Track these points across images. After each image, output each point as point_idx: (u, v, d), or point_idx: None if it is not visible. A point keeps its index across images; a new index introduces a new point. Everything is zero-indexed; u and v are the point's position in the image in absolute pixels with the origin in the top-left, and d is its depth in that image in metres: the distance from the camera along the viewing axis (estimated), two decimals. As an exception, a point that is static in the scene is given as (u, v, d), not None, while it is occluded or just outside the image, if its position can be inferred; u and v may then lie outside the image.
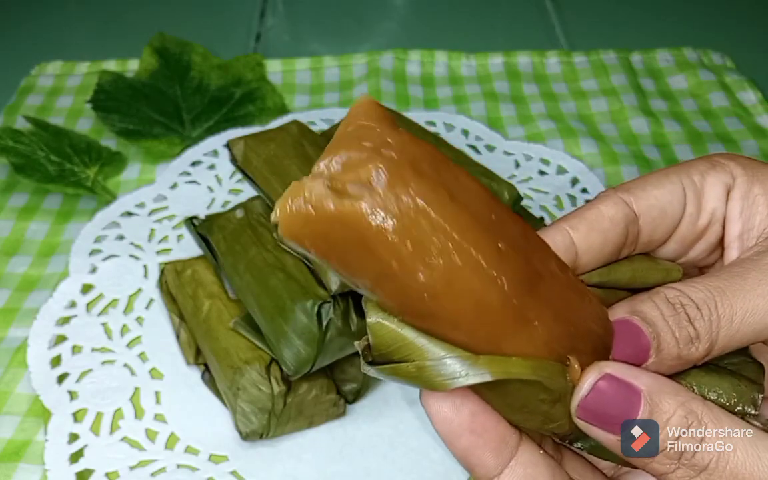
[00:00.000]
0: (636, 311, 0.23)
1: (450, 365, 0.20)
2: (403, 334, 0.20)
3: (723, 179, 0.25)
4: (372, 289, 0.19)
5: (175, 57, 0.63)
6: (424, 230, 0.18)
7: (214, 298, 0.40)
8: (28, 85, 0.63)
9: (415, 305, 0.19)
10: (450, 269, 0.18)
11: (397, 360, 0.20)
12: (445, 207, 0.18)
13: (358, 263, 0.19)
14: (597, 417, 0.21)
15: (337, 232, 0.18)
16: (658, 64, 0.65)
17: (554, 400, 0.21)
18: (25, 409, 0.39)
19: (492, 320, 0.19)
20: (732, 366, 0.24)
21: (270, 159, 0.40)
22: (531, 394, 0.21)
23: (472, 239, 0.19)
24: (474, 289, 0.19)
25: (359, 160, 0.18)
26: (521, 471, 0.22)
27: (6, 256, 0.48)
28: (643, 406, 0.21)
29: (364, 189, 0.18)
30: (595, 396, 0.21)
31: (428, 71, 0.64)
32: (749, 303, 0.22)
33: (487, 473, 0.22)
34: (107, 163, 0.54)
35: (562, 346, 0.21)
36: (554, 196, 0.51)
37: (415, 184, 0.18)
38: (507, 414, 0.22)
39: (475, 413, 0.21)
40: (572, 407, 0.22)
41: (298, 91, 0.63)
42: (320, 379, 0.37)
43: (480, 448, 0.22)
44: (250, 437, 0.36)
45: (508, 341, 0.20)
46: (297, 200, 0.18)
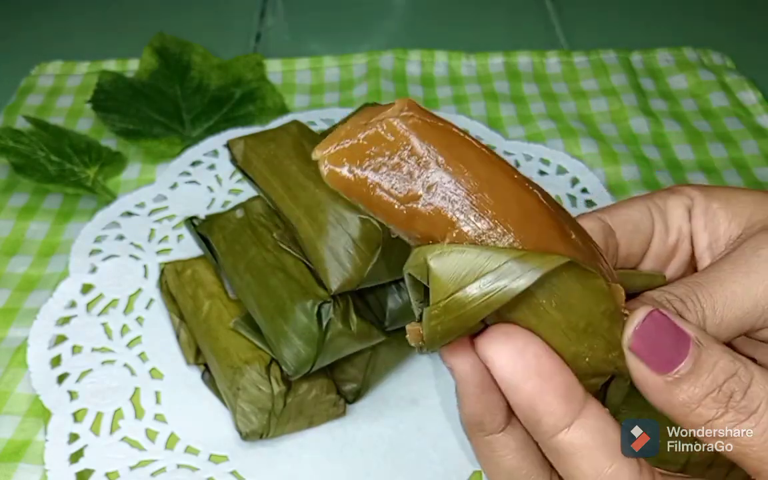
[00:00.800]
0: (627, 308, 0.23)
1: (516, 267, 0.20)
2: (467, 257, 0.20)
3: (682, 201, 0.28)
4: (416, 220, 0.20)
5: (175, 57, 0.63)
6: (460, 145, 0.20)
7: (214, 298, 0.40)
8: (28, 85, 0.63)
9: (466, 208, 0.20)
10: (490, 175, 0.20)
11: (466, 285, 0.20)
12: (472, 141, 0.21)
13: (402, 190, 0.20)
14: (648, 348, 0.21)
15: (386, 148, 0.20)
16: (658, 64, 0.65)
17: (612, 315, 0.21)
18: (25, 409, 0.39)
19: (536, 221, 0.20)
20: None
21: (270, 159, 0.40)
22: (594, 304, 0.21)
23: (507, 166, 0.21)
24: (514, 191, 0.20)
25: (383, 107, 0.20)
26: (592, 423, 0.21)
27: (6, 256, 0.48)
28: (693, 348, 0.21)
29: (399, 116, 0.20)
30: (651, 325, 0.21)
31: (428, 71, 0.64)
32: (727, 290, 0.23)
33: (557, 423, 0.21)
34: (107, 163, 0.54)
35: (599, 267, 0.21)
36: (554, 196, 0.51)
37: (436, 118, 0.20)
38: (574, 345, 0.21)
39: (540, 355, 0.21)
40: (626, 335, 0.21)
41: (298, 91, 0.63)
42: (320, 379, 0.37)
43: (549, 393, 0.21)
44: (250, 437, 0.36)
45: (556, 245, 0.20)
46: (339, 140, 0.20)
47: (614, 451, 0.21)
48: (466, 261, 0.20)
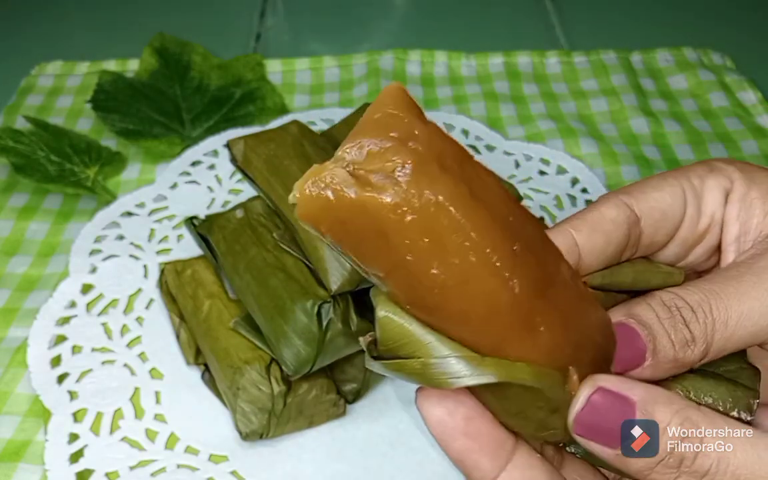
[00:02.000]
0: (632, 314, 0.23)
1: (455, 364, 0.20)
2: (410, 330, 0.20)
3: (721, 183, 0.26)
4: (383, 279, 0.19)
5: (175, 57, 0.63)
6: (444, 227, 0.18)
7: (214, 298, 0.40)
8: (28, 85, 0.63)
9: (426, 298, 0.19)
10: (464, 268, 0.19)
11: (403, 356, 0.20)
12: (466, 205, 0.18)
13: (373, 252, 0.19)
14: (593, 431, 0.21)
15: (356, 220, 0.18)
16: (658, 64, 0.65)
17: (552, 409, 0.21)
18: (25, 409, 0.39)
19: (500, 322, 0.19)
20: (728, 373, 0.24)
21: (270, 159, 0.40)
22: (530, 401, 0.21)
23: (489, 239, 0.19)
24: (486, 289, 0.19)
25: (385, 150, 0.18)
26: (518, 474, 0.22)
27: (6, 256, 0.48)
28: (638, 418, 0.21)
29: (388, 181, 0.18)
30: (590, 410, 0.21)
31: (428, 71, 0.64)
32: (744, 305, 0.22)
33: (483, 477, 0.22)
34: (107, 163, 0.54)
35: (564, 355, 0.21)
36: (554, 196, 0.51)
37: (439, 181, 0.18)
38: (503, 418, 0.22)
39: (470, 417, 0.21)
40: (569, 421, 0.22)
41: (298, 91, 0.63)
42: (320, 379, 0.37)
43: (475, 452, 0.22)
44: (250, 437, 0.36)
45: (513, 345, 0.20)
46: (317, 183, 0.18)
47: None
48: (412, 332, 0.20)
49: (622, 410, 0.21)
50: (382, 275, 0.19)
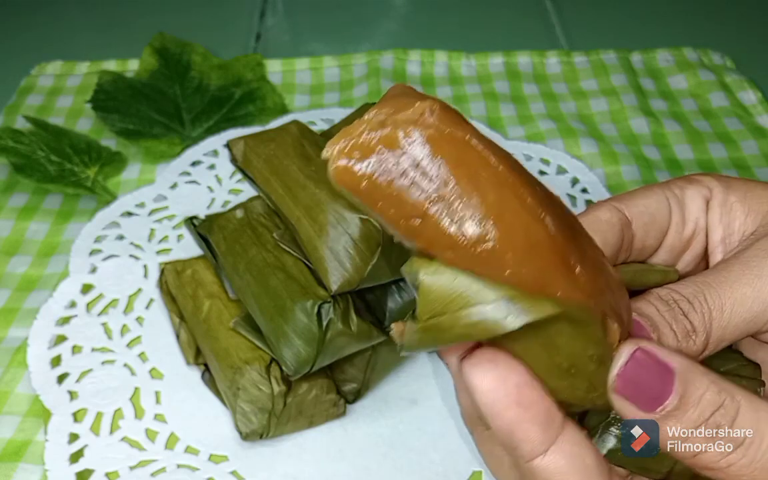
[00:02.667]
0: (633, 309, 0.23)
1: (507, 306, 0.19)
2: (458, 284, 0.19)
3: (701, 192, 0.27)
4: (421, 226, 0.19)
5: (175, 57, 0.63)
6: (474, 163, 0.19)
7: (214, 298, 0.40)
8: (28, 85, 0.63)
9: (468, 236, 0.19)
10: (500, 200, 0.19)
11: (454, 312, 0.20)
12: (490, 147, 0.19)
13: (404, 206, 0.19)
14: (633, 391, 0.21)
15: (395, 164, 0.19)
16: (658, 64, 0.65)
17: (600, 358, 0.21)
18: (25, 409, 0.39)
19: (540, 256, 0.19)
20: (730, 372, 0.25)
21: (270, 159, 0.40)
22: (581, 349, 0.20)
23: (518, 178, 0.19)
24: (522, 220, 0.19)
25: (409, 102, 0.19)
26: (568, 449, 0.22)
27: (6, 256, 0.48)
28: (677, 384, 0.21)
29: (419, 124, 0.19)
30: (633, 367, 0.21)
31: (428, 71, 0.64)
32: (736, 292, 0.23)
33: (533, 449, 0.21)
34: (107, 163, 0.54)
35: (602, 301, 0.21)
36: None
37: (464, 125, 0.19)
38: (556, 380, 0.21)
39: (521, 385, 0.21)
40: (610, 378, 0.21)
41: (298, 91, 0.63)
42: (320, 379, 0.37)
43: (527, 422, 0.21)
44: (250, 437, 0.36)
45: (555, 284, 0.19)
46: (347, 140, 0.19)
47: (588, 475, 0.22)
48: (457, 286, 0.19)
49: (662, 374, 0.21)
50: (419, 223, 0.19)
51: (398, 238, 0.20)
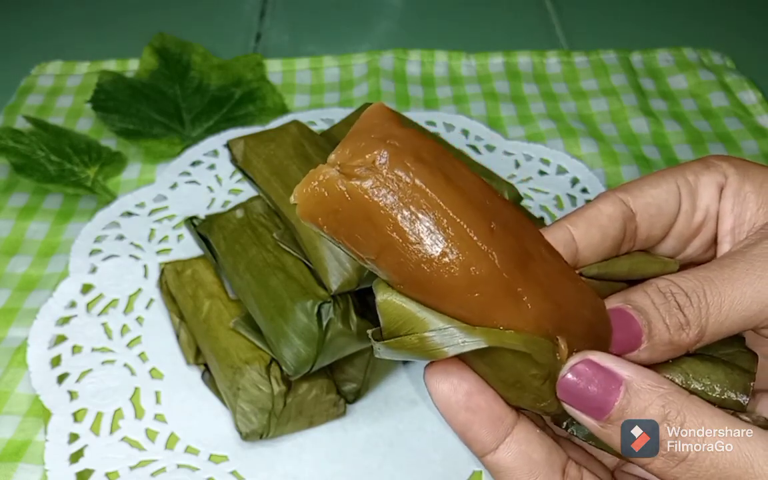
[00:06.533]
0: (628, 300, 0.24)
1: (449, 334, 0.21)
2: (407, 309, 0.22)
3: (716, 178, 0.27)
4: (377, 263, 0.21)
5: (175, 57, 0.63)
6: (422, 207, 0.21)
7: (214, 298, 0.40)
8: (28, 85, 0.63)
9: (415, 275, 0.21)
10: (447, 238, 0.21)
11: (404, 335, 0.22)
12: (442, 188, 0.21)
13: (364, 237, 0.21)
14: (576, 399, 0.22)
15: (346, 209, 0.21)
16: (658, 64, 0.65)
17: (544, 376, 0.22)
18: (25, 409, 0.39)
19: (484, 291, 0.21)
20: (726, 356, 0.25)
21: (270, 159, 0.40)
22: (523, 369, 0.22)
23: (465, 218, 0.21)
24: (468, 256, 0.21)
25: (366, 146, 0.21)
26: (516, 447, 0.23)
27: (6, 256, 0.48)
28: (623, 394, 0.22)
29: (369, 170, 0.21)
30: (574, 378, 0.22)
31: (428, 71, 0.64)
32: (737, 291, 0.23)
33: (483, 447, 0.23)
34: (107, 163, 0.54)
35: (551, 325, 0.22)
36: (554, 196, 0.51)
37: (415, 168, 0.21)
38: (503, 391, 0.23)
39: (471, 393, 0.23)
40: (557, 385, 0.23)
41: (298, 91, 0.63)
42: (320, 379, 0.37)
43: (476, 425, 0.23)
44: (250, 437, 0.36)
45: (500, 314, 0.21)
46: (313, 183, 0.21)
47: (535, 470, 0.23)
48: (408, 312, 0.22)
49: (608, 385, 0.22)
50: (374, 257, 0.21)
51: (364, 265, 0.22)
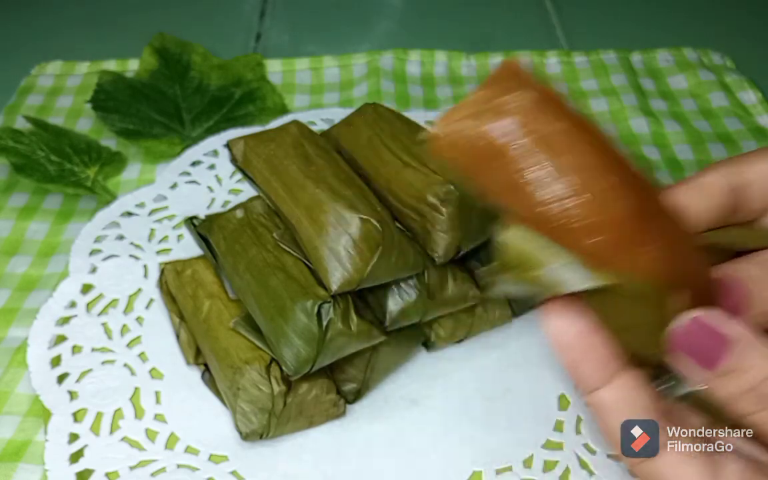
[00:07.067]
0: (737, 269, 0.25)
1: (571, 270, 0.22)
2: (529, 247, 0.23)
3: None
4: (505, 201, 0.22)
5: (175, 57, 0.63)
6: (556, 150, 0.22)
7: (214, 298, 0.40)
8: (28, 85, 0.63)
9: (542, 215, 0.22)
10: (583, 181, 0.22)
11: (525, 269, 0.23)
12: (578, 135, 0.22)
13: (496, 174, 0.22)
14: (690, 348, 0.23)
15: (482, 147, 0.22)
16: (658, 64, 0.65)
17: (656, 324, 0.23)
18: (25, 409, 0.39)
19: (608, 236, 0.22)
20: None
21: (270, 159, 0.40)
22: (637, 314, 0.23)
23: (598, 165, 0.22)
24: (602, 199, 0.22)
25: (506, 89, 0.22)
26: (618, 391, 0.25)
27: (6, 256, 0.48)
28: (731, 352, 0.23)
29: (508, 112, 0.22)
30: (691, 328, 0.23)
31: (428, 71, 0.64)
32: None
33: (588, 386, 0.25)
34: (107, 163, 0.54)
35: (669, 277, 0.23)
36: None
37: (553, 113, 0.22)
38: (618, 333, 0.24)
39: (584, 332, 0.24)
40: (669, 335, 0.23)
41: (298, 91, 0.63)
42: (320, 379, 0.37)
43: (585, 363, 0.24)
44: (250, 437, 0.36)
45: (621, 259, 0.22)
46: (453, 120, 0.22)
47: (635, 413, 0.24)
48: (530, 250, 0.23)
49: (722, 339, 0.23)
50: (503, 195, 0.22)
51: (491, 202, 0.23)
